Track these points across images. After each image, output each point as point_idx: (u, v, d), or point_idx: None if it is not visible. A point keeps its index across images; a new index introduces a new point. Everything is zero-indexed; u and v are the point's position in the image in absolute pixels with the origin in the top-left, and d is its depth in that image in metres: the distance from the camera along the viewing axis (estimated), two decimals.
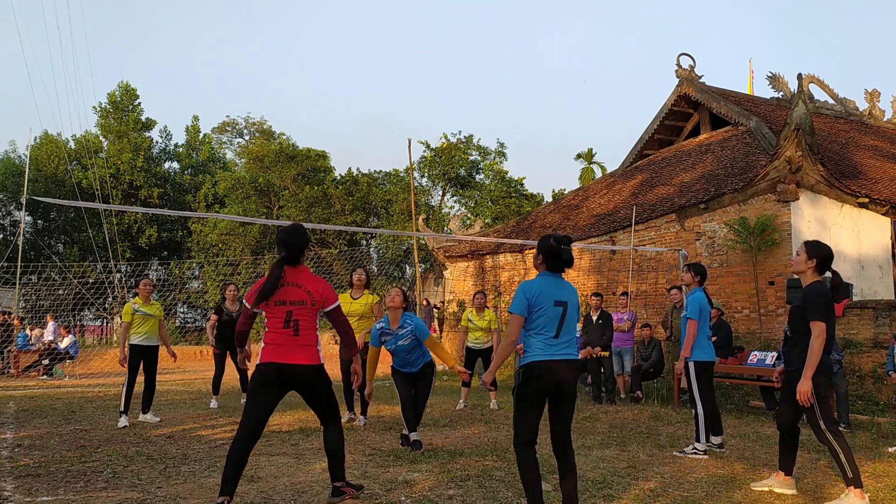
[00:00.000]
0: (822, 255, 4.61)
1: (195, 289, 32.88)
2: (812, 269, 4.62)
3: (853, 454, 4.47)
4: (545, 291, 3.87)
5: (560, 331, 3.87)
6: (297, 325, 4.17)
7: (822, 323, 4.42)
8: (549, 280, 3.93)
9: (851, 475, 4.37)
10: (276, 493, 4.48)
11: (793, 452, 4.80)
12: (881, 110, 19.00)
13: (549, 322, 3.85)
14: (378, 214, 34.74)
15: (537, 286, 3.89)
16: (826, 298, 4.49)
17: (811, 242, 4.74)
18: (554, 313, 3.86)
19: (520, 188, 33.29)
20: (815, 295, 4.50)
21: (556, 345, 3.85)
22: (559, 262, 3.92)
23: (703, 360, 6.23)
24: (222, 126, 42.68)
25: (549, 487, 4.66)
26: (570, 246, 3.95)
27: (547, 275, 3.96)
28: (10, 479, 4.86)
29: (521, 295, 3.86)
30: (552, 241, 3.94)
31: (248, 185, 32.48)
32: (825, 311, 4.45)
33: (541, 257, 3.99)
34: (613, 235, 14.43)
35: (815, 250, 4.63)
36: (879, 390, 9.44)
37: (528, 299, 3.84)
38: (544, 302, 3.84)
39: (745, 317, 11.76)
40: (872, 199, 12.19)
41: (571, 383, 3.91)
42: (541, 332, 3.85)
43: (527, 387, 3.85)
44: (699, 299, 6.20)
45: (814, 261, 4.61)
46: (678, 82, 17.02)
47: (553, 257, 3.92)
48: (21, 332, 16.73)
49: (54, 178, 31.80)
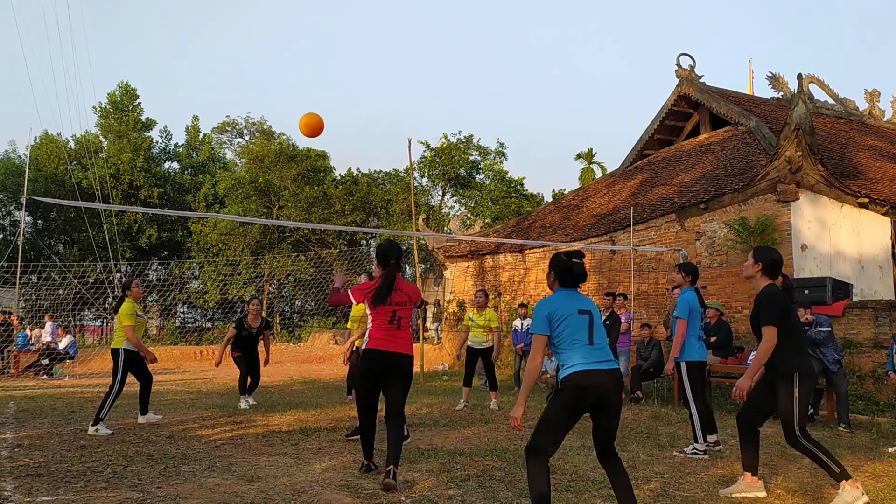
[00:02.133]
0: (767, 259, 4.66)
1: (195, 289, 32.88)
2: (759, 273, 4.67)
3: (829, 450, 4.50)
4: (565, 303, 3.76)
5: (592, 337, 3.71)
6: (400, 321, 4.94)
7: (773, 327, 4.46)
8: (565, 294, 3.83)
9: (838, 470, 4.38)
10: (276, 493, 4.48)
11: (756, 450, 4.73)
12: (881, 110, 19.01)
13: (578, 329, 3.70)
14: (378, 214, 34.74)
15: (555, 300, 3.79)
16: (777, 301, 4.52)
17: (759, 248, 4.86)
18: (580, 321, 3.73)
19: (520, 188, 33.30)
20: (765, 298, 4.56)
21: (594, 352, 3.68)
22: (572, 277, 3.83)
23: (695, 360, 6.23)
24: (222, 126, 42.70)
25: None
26: (581, 260, 3.87)
27: (561, 291, 3.86)
28: (10, 479, 4.86)
29: (540, 311, 3.73)
30: (563, 257, 3.86)
31: (248, 185, 32.48)
32: (776, 314, 4.49)
33: (552, 274, 3.89)
34: (613, 235, 14.43)
35: (759, 254, 4.72)
36: (879, 390, 9.44)
37: (548, 315, 3.71)
38: (566, 311, 3.71)
39: (744, 317, 11.76)
40: (872, 199, 12.19)
41: (615, 393, 3.70)
42: (574, 343, 3.68)
43: (568, 395, 3.63)
44: (688, 299, 6.20)
45: (759, 265, 4.67)
46: (678, 82, 17.03)
47: (566, 273, 3.83)
48: (21, 332, 16.73)
49: (54, 178, 31.81)
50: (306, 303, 34.68)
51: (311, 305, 33.87)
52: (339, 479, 4.87)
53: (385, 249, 5.01)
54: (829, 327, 8.01)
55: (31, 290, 25.85)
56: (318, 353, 23.30)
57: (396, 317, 4.90)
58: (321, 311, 31.97)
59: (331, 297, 5.14)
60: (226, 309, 31.67)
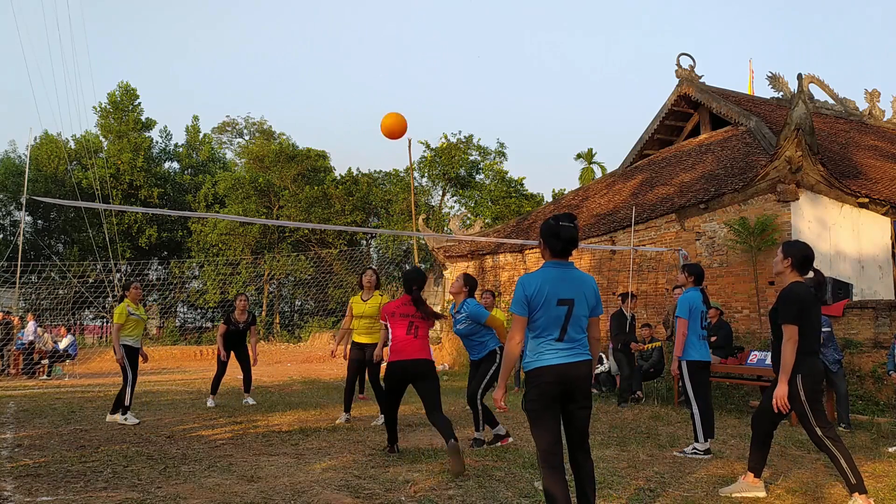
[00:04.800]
0: (797, 254, 4.45)
1: (195, 289, 32.89)
2: (789, 268, 4.47)
3: (853, 459, 4.39)
4: (546, 287, 3.45)
5: (564, 333, 3.47)
6: (417, 331, 5.59)
7: (793, 326, 4.29)
8: (552, 273, 3.50)
9: (855, 481, 4.26)
10: (276, 493, 4.48)
11: (764, 454, 4.67)
12: (881, 110, 19.00)
13: (551, 323, 3.46)
14: (378, 214, 34.76)
15: (537, 280, 3.48)
16: (798, 299, 4.33)
17: (788, 242, 4.64)
18: (556, 313, 3.46)
19: (520, 188, 33.31)
20: (787, 296, 4.37)
21: (562, 348, 3.47)
22: (558, 242, 3.49)
23: (696, 359, 6.18)
24: (222, 126, 42.70)
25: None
26: (572, 223, 3.50)
27: (550, 265, 3.54)
28: (10, 479, 4.86)
29: (520, 290, 3.47)
30: (550, 221, 3.54)
31: (248, 185, 32.49)
32: (796, 313, 4.30)
33: (541, 241, 3.57)
34: (613, 235, 14.43)
35: (789, 249, 4.49)
36: (879, 390, 9.44)
37: (526, 297, 3.45)
38: (543, 299, 3.44)
39: (744, 317, 11.76)
40: (872, 199, 12.19)
41: (583, 385, 3.51)
42: (542, 335, 3.48)
43: (533, 397, 3.47)
44: (689, 299, 6.16)
45: (789, 259, 4.46)
46: (678, 82, 17.03)
47: (552, 238, 3.50)
48: (21, 332, 16.72)
49: (54, 178, 31.81)
50: (306, 303, 34.70)
51: (311, 305, 33.87)
52: (339, 479, 4.87)
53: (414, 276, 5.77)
54: (829, 327, 8.00)
55: (31, 290, 25.85)
56: (318, 353, 23.28)
57: (413, 327, 5.56)
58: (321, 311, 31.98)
59: None
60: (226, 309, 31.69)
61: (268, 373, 16.50)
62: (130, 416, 7.57)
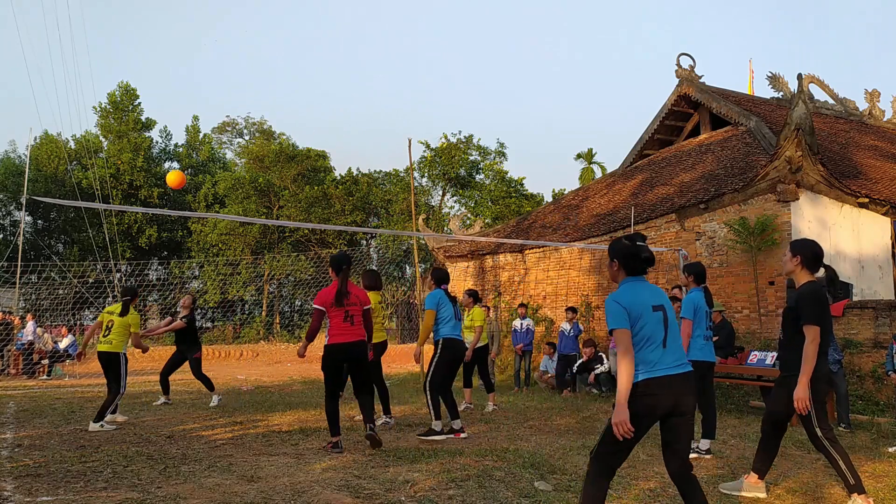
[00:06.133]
0: (806, 252, 4.42)
1: (195, 289, 32.89)
2: (800, 266, 4.44)
3: (851, 459, 4.39)
4: (639, 298, 3.38)
5: (667, 339, 3.37)
6: (353, 319, 6.09)
7: (816, 326, 4.26)
8: (637, 286, 3.45)
9: (853, 482, 4.25)
10: (276, 493, 4.47)
11: (771, 456, 4.66)
12: (881, 110, 19.00)
13: (654, 331, 3.35)
14: (378, 214, 34.77)
15: (628, 293, 3.40)
16: (820, 300, 4.31)
17: (797, 240, 4.62)
18: (655, 319, 3.37)
19: (520, 188, 33.33)
20: (809, 296, 4.31)
21: (667, 355, 3.36)
22: (639, 263, 3.45)
23: (698, 359, 6.13)
24: (222, 126, 42.72)
25: (549, 488, 4.66)
26: (645, 243, 3.47)
27: (630, 280, 3.47)
28: (10, 479, 4.86)
29: (615, 306, 3.35)
30: (625, 241, 3.48)
31: (248, 185, 32.50)
32: (819, 313, 4.27)
33: (616, 263, 3.50)
34: (613, 235, 14.41)
35: (798, 247, 4.47)
36: (879, 390, 9.44)
37: (625, 308, 3.33)
38: (642, 309, 3.35)
39: (745, 317, 11.76)
40: (872, 199, 12.19)
41: (690, 401, 3.39)
42: (649, 344, 3.34)
43: (639, 405, 3.27)
44: (693, 299, 6.10)
45: (798, 258, 4.43)
46: (678, 82, 17.03)
47: (631, 259, 3.45)
48: (21, 332, 16.73)
49: (54, 178, 31.83)
50: (306, 303, 34.68)
51: (311, 305, 33.85)
52: (339, 479, 4.87)
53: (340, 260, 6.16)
54: None
55: (31, 290, 25.85)
56: (318, 353, 23.24)
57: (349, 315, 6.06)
58: None
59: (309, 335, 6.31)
60: (226, 309, 31.68)
61: (268, 373, 16.50)
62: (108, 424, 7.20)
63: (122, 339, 7.54)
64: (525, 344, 12.45)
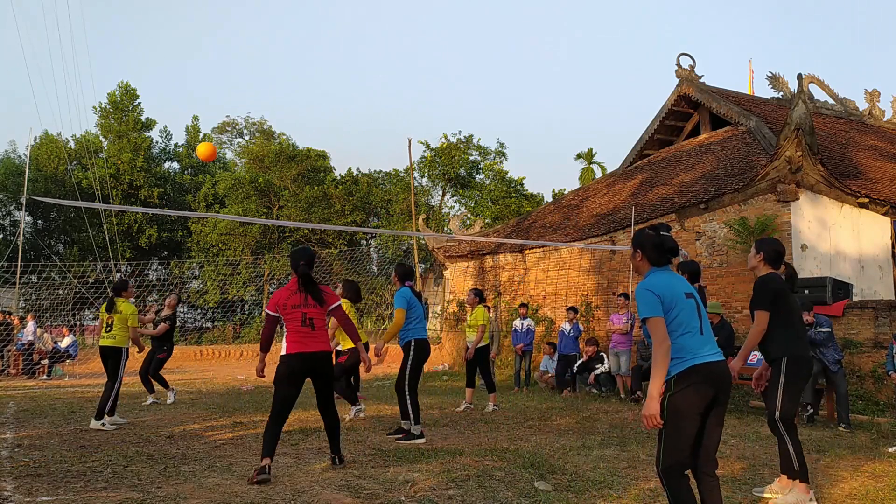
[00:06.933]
0: (769, 249, 4.76)
1: (195, 289, 32.90)
2: (762, 263, 4.77)
3: (802, 448, 4.54)
4: (670, 285, 3.30)
5: (703, 327, 3.33)
6: (313, 323, 5.26)
7: (765, 312, 4.57)
8: (665, 275, 3.38)
9: (798, 468, 4.41)
10: (276, 493, 4.48)
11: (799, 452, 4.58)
12: (881, 110, 19.00)
13: (690, 317, 3.28)
14: (378, 214, 34.77)
15: (659, 282, 3.30)
16: (769, 289, 4.61)
17: (761, 239, 4.99)
18: (689, 306, 3.30)
19: (520, 188, 33.33)
20: (760, 285, 4.67)
21: (707, 342, 3.30)
22: (664, 252, 3.39)
23: None
24: (222, 126, 42.69)
25: (549, 488, 4.66)
26: (669, 232, 3.43)
27: (658, 271, 3.41)
28: (10, 479, 4.86)
29: (648, 294, 3.26)
30: (649, 231, 3.44)
31: (248, 185, 32.50)
32: (770, 299, 4.58)
33: (640, 253, 3.44)
34: (613, 235, 14.42)
35: (762, 245, 4.82)
36: (879, 390, 9.44)
37: (658, 296, 3.24)
38: (675, 296, 3.28)
39: (744, 317, 11.76)
40: (872, 199, 12.19)
41: (729, 390, 3.37)
42: (687, 331, 3.26)
43: (687, 395, 3.19)
44: None
45: (761, 254, 4.77)
46: (678, 82, 17.03)
47: (656, 249, 3.39)
48: (21, 332, 16.73)
49: (54, 178, 31.82)
50: None
51: None
52: (339, 479, 4.87)
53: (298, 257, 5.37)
54: (829, 327, 8.00)
55: (31, 290, 25.85)
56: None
57: (307, 318, 5.24)
58: None
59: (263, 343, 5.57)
60: (226, 309, 31.68)
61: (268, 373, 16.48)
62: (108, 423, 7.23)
63: (124, 333, 7.61)
64: (525, 344, 12.45)
